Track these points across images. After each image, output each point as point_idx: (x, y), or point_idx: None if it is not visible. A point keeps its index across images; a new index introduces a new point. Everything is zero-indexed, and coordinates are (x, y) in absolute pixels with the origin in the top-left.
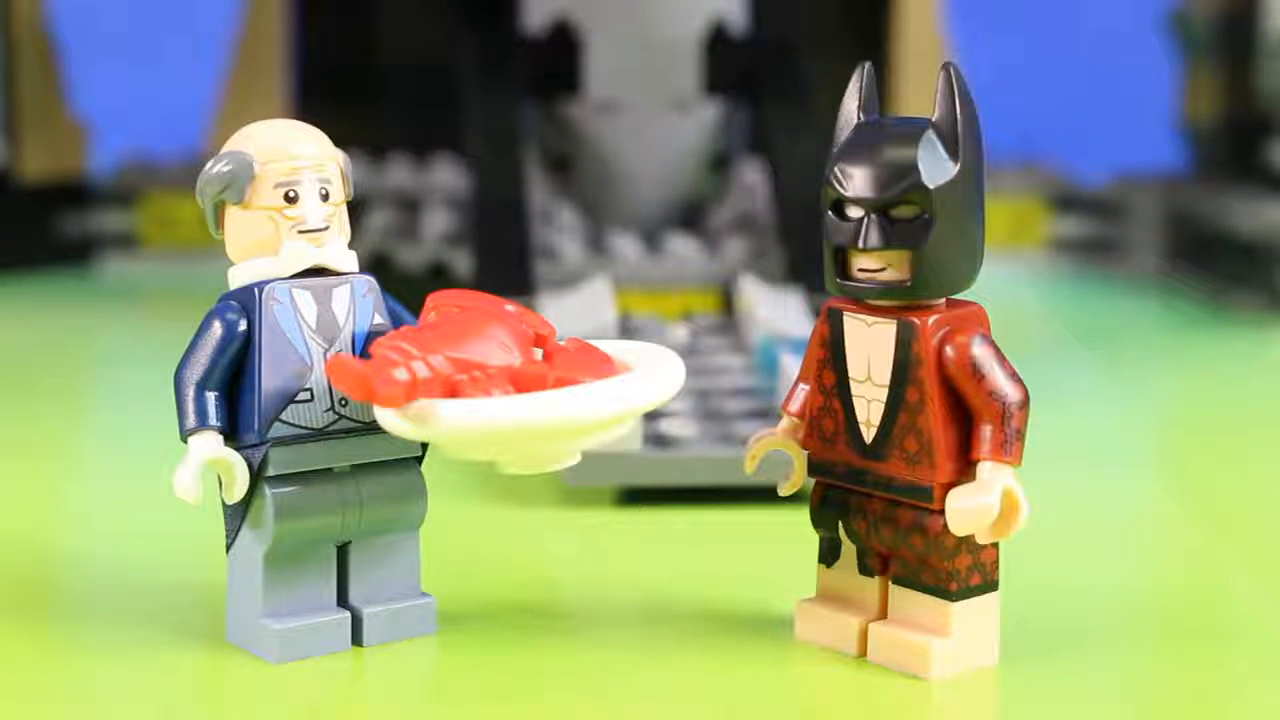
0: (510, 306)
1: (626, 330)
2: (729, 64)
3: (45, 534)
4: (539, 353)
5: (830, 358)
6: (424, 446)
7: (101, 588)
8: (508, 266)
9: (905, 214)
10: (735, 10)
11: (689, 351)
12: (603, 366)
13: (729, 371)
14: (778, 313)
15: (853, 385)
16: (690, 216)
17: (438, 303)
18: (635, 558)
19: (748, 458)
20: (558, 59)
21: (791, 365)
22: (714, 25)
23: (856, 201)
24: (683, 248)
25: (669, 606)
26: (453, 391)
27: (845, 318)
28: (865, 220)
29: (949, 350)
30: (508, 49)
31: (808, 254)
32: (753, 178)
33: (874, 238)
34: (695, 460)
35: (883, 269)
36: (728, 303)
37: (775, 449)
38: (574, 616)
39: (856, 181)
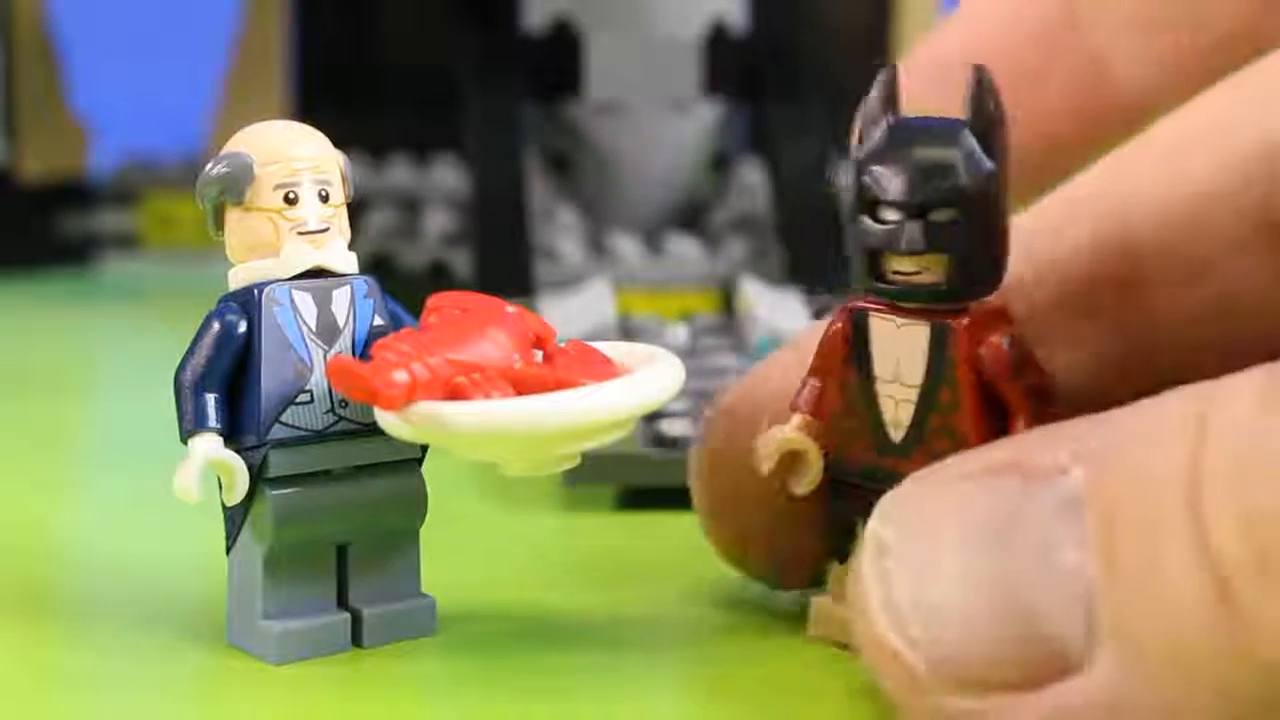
0: (511, 308)
1: (626, 330)
2: (729, 64)
3: (45, 534)
4: (539, 355)
5: (853, 357)
6: (424, 448)
7: (102, 589)
8: (508, 266)
9: (943, 217)
10: (735, 10)
11: (689, 352)
12: (603, 368)
13: (729, 371)
14: (778, 313)
15: (879, 385)
16: (690, 216)
17: (438, 304)
18: (635, 558)
19: (762, 458)
20: (558, 59)
21: None
22: (714, 25)
23: (895, 204)
24: (683, 248)
25: (669, 606)
26: (453, 393)
27: (871, 318)
28: (903, 223)
29: (983, 351)
30: (508, 49)
31: (808, 254)
32: (753, 178)
33: (914, 241)
34: None
35: (919, 271)
36: (728, 303)
37: (789, 447)
38: (574, 616)
39: (895, 184)
